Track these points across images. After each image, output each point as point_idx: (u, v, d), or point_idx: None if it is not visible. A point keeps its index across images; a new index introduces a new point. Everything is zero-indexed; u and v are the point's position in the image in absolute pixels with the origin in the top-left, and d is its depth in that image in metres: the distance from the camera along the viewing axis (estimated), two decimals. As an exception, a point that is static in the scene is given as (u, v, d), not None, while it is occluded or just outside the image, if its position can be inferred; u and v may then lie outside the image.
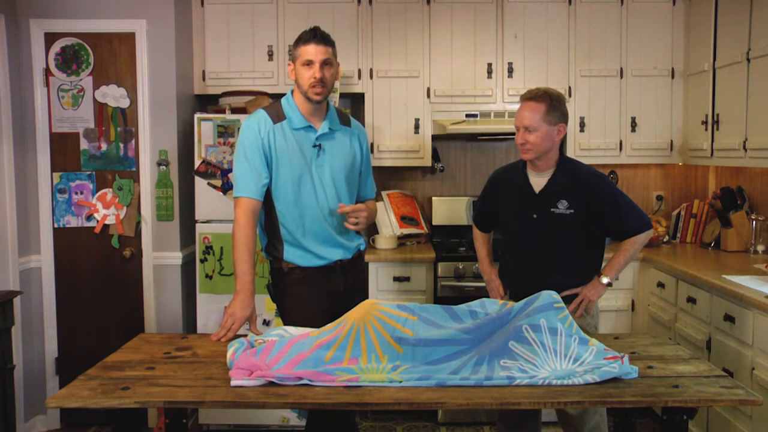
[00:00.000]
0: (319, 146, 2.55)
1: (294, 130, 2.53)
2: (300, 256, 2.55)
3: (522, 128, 2.59)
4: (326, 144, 2.56)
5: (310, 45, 2.47)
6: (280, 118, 2.54)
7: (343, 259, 2.61)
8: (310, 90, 2.47)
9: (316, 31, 2.48)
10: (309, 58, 2.46)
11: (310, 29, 2.50)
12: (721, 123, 3.66)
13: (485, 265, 2.95)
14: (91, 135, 3.71)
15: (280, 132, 2.52)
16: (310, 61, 2.46)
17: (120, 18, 3.65)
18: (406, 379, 1.90)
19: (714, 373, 2.01)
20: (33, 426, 3.70)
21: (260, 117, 2.55)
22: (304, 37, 2.49)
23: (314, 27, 2.50)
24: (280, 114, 2.55)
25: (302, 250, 2.55)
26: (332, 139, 2.58)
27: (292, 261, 2.56)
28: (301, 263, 2.55)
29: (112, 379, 1.95)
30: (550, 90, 2.62)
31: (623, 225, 2.64)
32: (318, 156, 2.54)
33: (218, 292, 3.62)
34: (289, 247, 2.56)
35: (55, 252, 3.72)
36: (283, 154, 2.50)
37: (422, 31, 4.04)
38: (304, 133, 2.54)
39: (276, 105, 2.60)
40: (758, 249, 3.73)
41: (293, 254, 2.56)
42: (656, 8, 4.07)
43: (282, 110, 2.56)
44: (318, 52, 2.46)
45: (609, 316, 3.77)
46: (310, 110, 2.54)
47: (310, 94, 2.48)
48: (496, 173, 2.90)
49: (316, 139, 2.54)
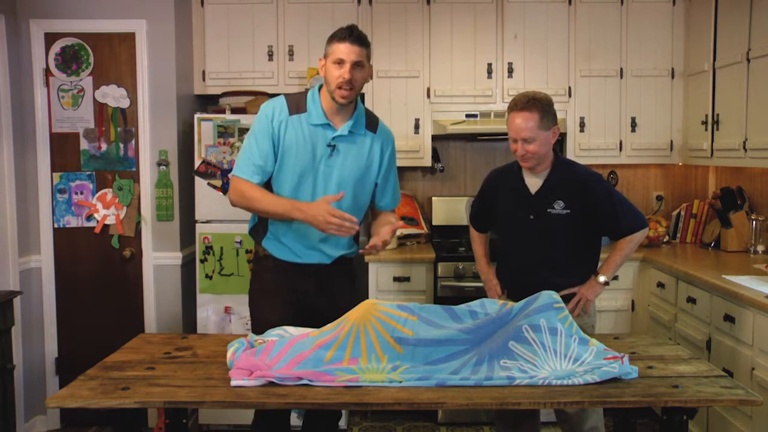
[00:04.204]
0: (334, 147, 2.45)
1: (311, 126, 2.44)
2: (276, 248, 2.51)
3: (520, 140, 2.58)
4: (342, 146, 2.46)
5: (345, 44, 2.35)
6: (299, 110, 2.45)
7: (320, 263, 2.52)
8: (336, 91, 2.37)
9: (353, 29, 2.37)
10: (341, 57, 2.35)
11: (346, 27, 2.38)
12: (721, 123, 3.66)
13: (482, 265, 2.96)
14: (91, 135, 3.71)
15: (296, 124, 2.43)
16: (341, 60, 2.35)
17: (120, 18, 3.66)
18: (406, 379, 1.90)
19: (714, 373, 2.01)
20: (33, 426, 3.70)
21: (277, 105, 2.46)
22: (339, 35, 2.37)
23: (351, 25, 2.40)
24: (301, 106, 2.46)
25: (280, 243, 2.51)
26: (351, 142, 2.48)
27: (267, 249, 2.53)
28: (276, 254, 2.52)
29: (112, 379, 1.96)
30: (537, 95, 2.59)
31: (619, 224, 2.65)
32: (330, 156, 2.45)
33: (218, 292, 3.62)
34: (270, 236, 2.52)
35: (55, 252, 3.72)
36: (291, 147, 2.43)
37: (422, 31, 4.04)
38: (321, 131, 2.45)
39: (299, 96, 2.51)
40: (758, 249, 3.73)
41: (271, 243, 2.52)
42: (656, 8, 4.07)
43: (304, 102, 2.47)
44: (351, 52, 2.35)
45: (609, 316, 3.77)
46: (334, 109, 2.44)
47: (336, 95, 2.38)
48: (491, 174, 2.91)
49: (333, 139, 2.45)
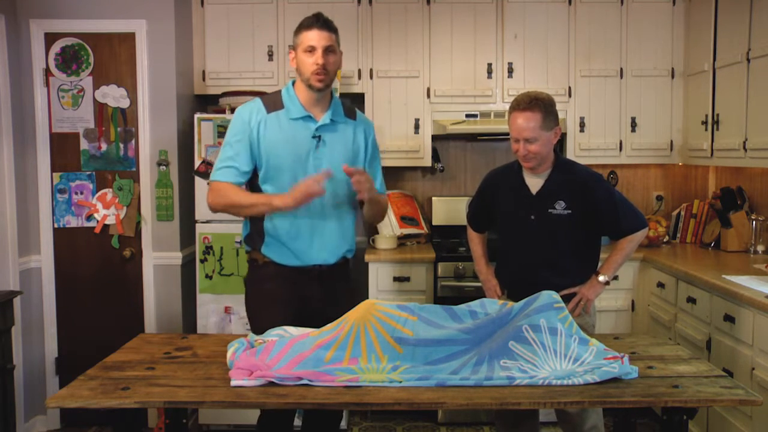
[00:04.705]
0: (319, 138, 2.45)
1: (291, 120, 2.44)
2: (278, 252, 2.47)
3: (522, 140, 2.57)
4: (327, 136, 2.47)
5: (313, 30, 2.38)
6: (276, 107, 2.46)
7: (323, 264, 2.50)
8: (312, 77, 2.38)
9: (319, 16, 2.40)
10: (311, 44, 2.38)
11: (312, 15, 2.41)
12: (721, 123, 3.66)
13: (481, 265, 2.95)
14: (91, 135, 3.71)
15: (275, 122, 2.44)
16: (312, 47, 2.38)
17: (120, 18, 3.65)
18: (406, 379, 1.90)
19: (714, 373, 2.01)
20: (33, 426, 3.70)
21: (254, 105, 2.47)
22: (306, 23, 2.40)
23: (317, 13, 2.42)
24: (278, 103, 2.47)
25: (282, 245, 2.46)
26: (334, 131, 2.49)
27: (268, 255, 2.48)
28: (278, 260, 2.47)
29: (112, 379, 1.96)
30: (539, 95, 2.58)
31: (620, 224, 2.65)
32: (317, 148, 2.45)
33: (218, 292, 3.62)
34: (270, 240, 2.47)
35: (55, 252, 3.72)
36: (275, 145, 2.42)
37: (422, 31, 4.04)
38: (303, 124, 2.45)
39: (275, 94, 2.52)
40: (758, 249, 3.73)
41: (272, 248, 2.48)
42: (656, 8, 4.07)
43: (280, 99, 2.48)
44: (321, 38, 2.38)
45: (609, 316, 3.77)
46: (312, 100, 2.45)
47: (313, 81, 2.39)
48: (491, 174, 2.90)
49: (316, 130, 2.45)
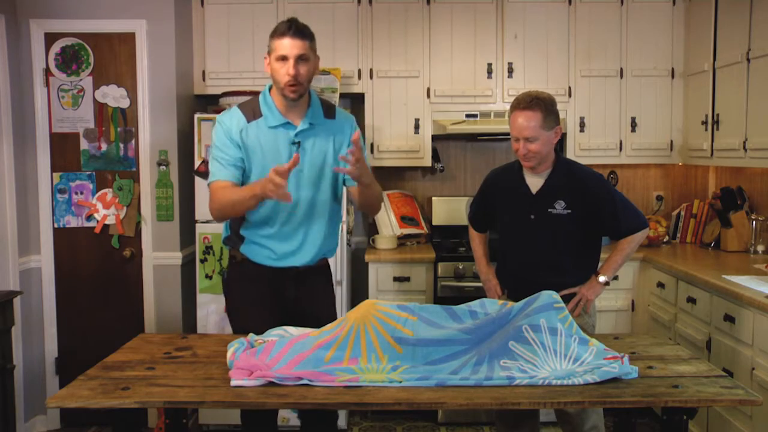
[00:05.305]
0: (298, 144, 2.41)
1: (270, 129, 2.40)
2: (257, 252, 2.47)
3: (522, 139, 2.57)
4: (306, 141, 2.43)
5: (285, 38, 2.31)
6: (255, 116, 2.41)
7: (299, 266, 2.48)
8: (286, 88, 2.33)
9: (292, 23, 2.32)
10: (283, 53, 2.31)
11: (285, 21, 2.35)
12: (721, 123, 3.66)
13: (482, 265, 2.95)
14: (91, 135, 3.71)
15: (255, 131, 2.40)
16: (284, 57, 2.32)
17: (120, 18, 3.65)
18: (406, 379, 1.90)
19: (714, 373, 2.01)
20: (33, 426, 3.70)
21: (234, 115, 2.42)
22: (280, 30, 2.33)
23: (290, 18, 2.35)
24: (256, 111, 2.42)
25: (261, 246, 2.46)
26: (314, 135, 2.44)
27: (246, 254, 2.49)
28: (256, 259, 2.48)
29: (112, 379, 1.96)
30: (540, 94, 2.58)
31: (620, 224, 2.65)
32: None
33: (218, 292, 3.61)
34: (249, 242, 2.48)
35: (55, 252, 3.72)
36: (257, 154, 2.39)
37: (422, 31, 4.04)
38: (283, 131, 2.41)
39: (253, 101, 2.47)
40: (758, 249, 3.73)
41: (250, 248, 2.48)
42: (656, 8, 4.07)
43: (258, 107, 2.43)
44: (293, 47, 2.31)
45: (609, 316, 3.77)
46: (288, 106, 2.40)
47: (287, 92, 2.34)
48: (491, 174, 2.90)
49: (295, 136, 2.41)
